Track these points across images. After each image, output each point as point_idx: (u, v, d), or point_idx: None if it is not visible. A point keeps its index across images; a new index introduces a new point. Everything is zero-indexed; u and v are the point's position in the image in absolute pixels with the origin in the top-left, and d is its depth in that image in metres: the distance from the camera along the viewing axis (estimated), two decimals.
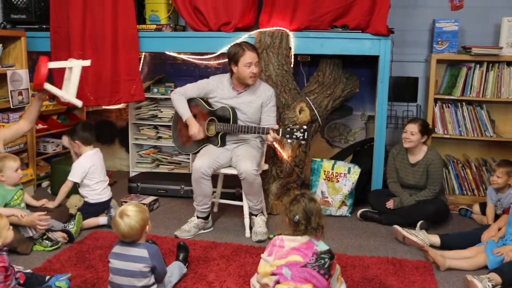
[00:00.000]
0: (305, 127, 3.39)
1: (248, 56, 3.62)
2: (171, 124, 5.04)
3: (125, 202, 4.12)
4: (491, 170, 3.89)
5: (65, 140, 3.93)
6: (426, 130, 3.95)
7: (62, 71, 4.46)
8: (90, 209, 3.79)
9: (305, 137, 3.37)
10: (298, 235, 2.55)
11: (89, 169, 3.80)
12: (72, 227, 3.54)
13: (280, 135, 3.43)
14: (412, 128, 3.93)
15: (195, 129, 3.71)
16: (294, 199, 2.61)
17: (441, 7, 4.65)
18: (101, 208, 3.86)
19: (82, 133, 3.87)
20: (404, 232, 3.56)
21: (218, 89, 3.81)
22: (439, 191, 3.95)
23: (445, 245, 3.43)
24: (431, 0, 4.71)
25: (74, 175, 3.78)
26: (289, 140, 3.45)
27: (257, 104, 3.75)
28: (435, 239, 3.49)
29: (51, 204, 3.73)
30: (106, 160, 5.34)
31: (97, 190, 3.82)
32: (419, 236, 3.51)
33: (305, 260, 2.49)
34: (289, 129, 3.41)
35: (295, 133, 3.39)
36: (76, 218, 3.61)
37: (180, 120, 3.88)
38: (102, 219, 3.81)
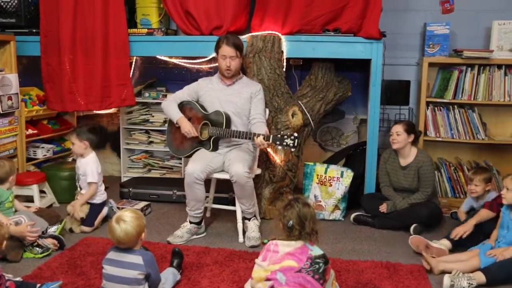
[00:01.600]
0: (295, 134, 3.38)
1: (224, 49, 3.73)
2: (162, 128, 5.08)
3: (117, 208, 4.10)
4: (468, 179, 3.86)
5: (73, 137, 3.91)
6: (411, 129, 3.97)
7: (54, 73, 4.46)
8: (98, 209, 3.92)
9: (295, 144, 3.36)
10: (292, 240, 2.53)
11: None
12: (54, 230, 3.54)
13: (271, 141, 3.41)
14: (397, 129, 3.96)
15: (187, 127, 3.74)
16: (288, 204, 2.59)
17: (432, 11, 4.68)
18: (103, 206, 4.00)
19: (91, 135, 3.99)
20: (428, 241, 3.46)
21: (208, 85, 3.88)
22: (432, 194, 3.97)
23: (457, 245, 3.43)
24: (422, 3, 4.73)
25: (95, 177, 3.90)
26: (279, 147, 3.44)
27: (246, 95, 3.80)
28: (446, 242, 3.46)
29: (78, 209, 3.81)
30: None
31: (101, 190, 3.97)
32: (439, 242, 3.45)
33: (300, 265, 2.48)
34: (279, 135, 3.40)
35: (285, 140, 3.38)
36: (61, 223, 3.64)
37: (173, 124, 3.87)
38: (105, 210, 3.98)
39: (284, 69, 4.23)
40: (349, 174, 4.17)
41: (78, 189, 3.97)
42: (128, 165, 5.26)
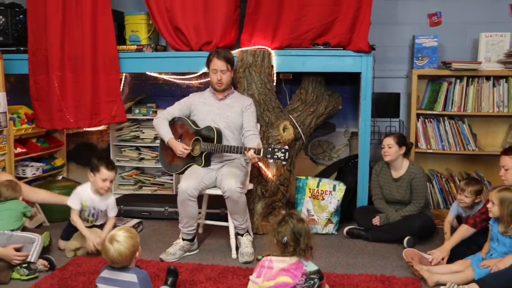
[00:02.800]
0: (286, 147, 3.39)
1: (215, 63, 3.78)
2: (153, 145, 5.07)
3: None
4: (459, 188, 3.85)
5: (111, 173, 3.72)
6: (402, 141, 3.99)
7: (42, 91, 4.44)
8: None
9: (286, 157, 3.37)
10: (286, 256, 2.53)
11: None
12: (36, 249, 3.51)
13: (262, 155, 3.42)
14: (389, 141, 3.99)
15: (180, 148, 3.73)
16: (282, 220, 2.59)
17: (420, 24, 4.74)
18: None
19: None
20: (422, 254, 3.46)
21: (200, 99, 3.90)
22: (424, 205, 3.98)
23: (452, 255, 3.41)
24: (410, 17, 4.79)
25: (116, 209, 3.86)
26: (270, 161, 3.45)
27: (237, 109, 3.81)
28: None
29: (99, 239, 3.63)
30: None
31: None
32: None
33: (295, 281, 2.47)
34: (270, 149, 3.41)
35: (276, 153, 3.38)
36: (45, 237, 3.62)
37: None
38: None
39: (274, 84, 4.24)
40: (341, 188, 4.17)
41: (88, 221, 3.77)
42: (119, 182, 5.23)
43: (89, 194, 3.71)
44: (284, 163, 3.46)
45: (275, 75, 4.25)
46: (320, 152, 5.08)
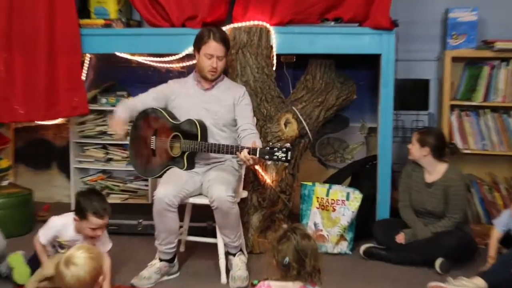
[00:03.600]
0: (288, 145, 3.39)
1: (211, 46, 3.72)
2: (124, 142, 5.05)
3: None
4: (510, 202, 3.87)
5: (105, 218, 3.51)
6: (427, 140, 3.97)
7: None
8: None
9: (289, 158, 3.36)
10: (289, 281, 2.52)
11: None
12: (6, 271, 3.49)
13: (258, 155, 3.41)
14: (413, 137, 4.05)
15: (113, 125, 3.69)
16: (283, 236, 2.58)
17: None
18: None
19: None
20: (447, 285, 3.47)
21: (181, 88, 3.87)
22: (462, 220, 3.98)
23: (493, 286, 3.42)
24: None
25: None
26: (269, 162, 3.44)
27: (228, 102, 3.80)
28: (479, 281, 3.40)
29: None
30: (41, 189, 5.31)
31: None
32: (465, 284, 3.42)
33: None
34: (268, 148, 3.38)
35: (276, 153, 3.37)
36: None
37: (138, 136, 3.88)
38: None
39: (274, 68, 4.25)
40: (356, 196, 4.18)
41: (58, 250, 3.60)
42: (81, 188, 5.20)
43: (71, 234, 3.47)
44: (286, 165, 3.46)
45: (275, 57, 4.25)
46: (330, 152, 5.09)
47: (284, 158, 3.36)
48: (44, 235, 3.46)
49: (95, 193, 3.49)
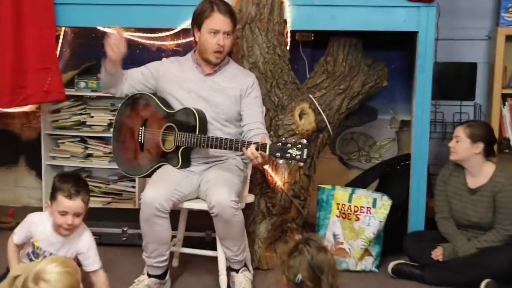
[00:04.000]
0: (304, 141, 3.36)
1: (216, 20, 3.68)
2: (106, 135, 5.07)
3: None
4: None
5: (78, 199, 3.55)
6: (479, 135, 3.94)
7: None
8: None
9: (304, 156, 3.35)
10: None
11: None
12: None
13: (267, 152, 3.41)
14: (458, 132, 3.97)
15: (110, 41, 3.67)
16: (295, 249, 2.59)
17: None
18: None
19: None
20: None
21: (175, 70, 3.85)
22: None
23: None
24: None
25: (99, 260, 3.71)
26: (280, 161, 3.44)
27: (234, 93, 3.79)
28: None
29: None
30: (5, 189, 5.34)
31: None
32: None
33: None
34: (280, 144, 3.37)
35: (289, 151, 3.36)
36: None
37: (123, 126, 3.88)
38: None
39: (288, 48, 4.25)
40: (384, 203, 4.18)
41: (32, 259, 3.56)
42: None
43: (45, 231, 3.41)
44: (301, 164, 3.46)
45: (289, 35, 4.26)
46: (354, 149, 5.09)
47: (299, 157, 3.34)
48: (17, 232, 3.46)
49: (75, 175, 3.48)
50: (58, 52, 4.64)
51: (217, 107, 3.76)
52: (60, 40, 4.92)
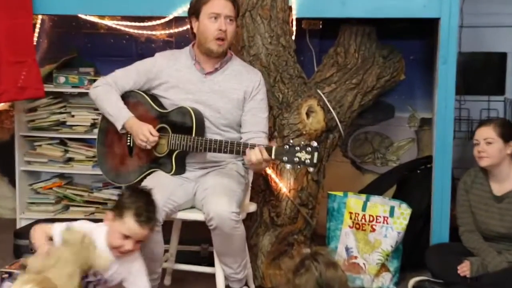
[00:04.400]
0: (314, 143, 3.37)
1: (216, 3, 3.67)
2: (89, 137, 5.08)
3: (9, 274, 4.03)
4: None
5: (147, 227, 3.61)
6: (510, 133, 3.96)
7: None
8: None
9: (314, 161, 3.35)
10: None
11: None
12: None
13: (273, 156, 3.42)
14: (487, 133, 3.94)
15: (144, 132, 3.65)
16: (301, 265, 2.59)
17: None
18: None
19: None
20: None
21: (171, 68, 3.83)
22: None
23: None
24: None
25: None
26: (287, 165, 3.43)
27: (237, 96, 3.77)
28: None
29: None
30: None
31: None
32: None
33: None
34: (287, 146, 3.38)
35: (298, 154, 3.36)
36: None
37: (110, 128, 3.86)
38: None
39: (293, 37, 4.26)
40: (403, 212, 4.19)
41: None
42: (29, 198, 5.26)
43: (98, 243, 3.28)
44: (310, 169, 3.47)
45: (294, 23, 4.27)
46: (368, 151, 5.10)
47: (308, 161, 3.35)
48: (60, 225, 3.32)
49: (147, 194, 3.39)
50: (34, 43, 4.63)
51: (217, 111, 3.75)
52: (37, 30, 4.92)
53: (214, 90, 3.77)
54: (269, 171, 4.08)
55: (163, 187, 3.63)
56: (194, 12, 3.73)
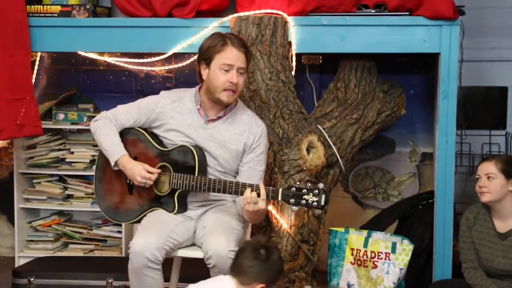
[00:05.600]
0: (321, 185, 3.35)
1: (229, 54, 3.61)
2: (88, 173, 5.08)
3: None
4: None
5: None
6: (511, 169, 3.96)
7: None
8: None
9: (322, 203, 3.34)
10: None
11: None
12: None
13: (280, 198, 3.41)
14: (488, 169, 3.92)
15: (141, 172, 3.65)
16: None
17: None
18: None
19: None
20: None
21: (173, 112, 3.80)
22: None
23: None
24: None
25: None
26: (294, 207, 3.42)
27: (237, 147, 3.75)
28: None
29: None
30: None
31: None
32: None
33: None
34: (294, 189, 3.37)
35: (305, 197, 3.34)
36: None
37: (108, 165, 3.83)
38: None
39: (293, 73, 4.28)
40: (405, 248, 4.17)
41: None
42: (28, 236, 5.25)
43: None
44: (318, 212, 3.45)
45: (294, 58, 4.28)
46: (369, 186, 5.10)
47: (316, 203, 3.34)
48: None
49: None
50: (33, 80, 4.65)
51: (216, 159, 3.74)
52: (36, 67, 4.93)
53: (214, 138, 3.74)
54: (269, 207, 4.07)
55: (163, 225, 3.63)
56: (205, 58, 3.68)
